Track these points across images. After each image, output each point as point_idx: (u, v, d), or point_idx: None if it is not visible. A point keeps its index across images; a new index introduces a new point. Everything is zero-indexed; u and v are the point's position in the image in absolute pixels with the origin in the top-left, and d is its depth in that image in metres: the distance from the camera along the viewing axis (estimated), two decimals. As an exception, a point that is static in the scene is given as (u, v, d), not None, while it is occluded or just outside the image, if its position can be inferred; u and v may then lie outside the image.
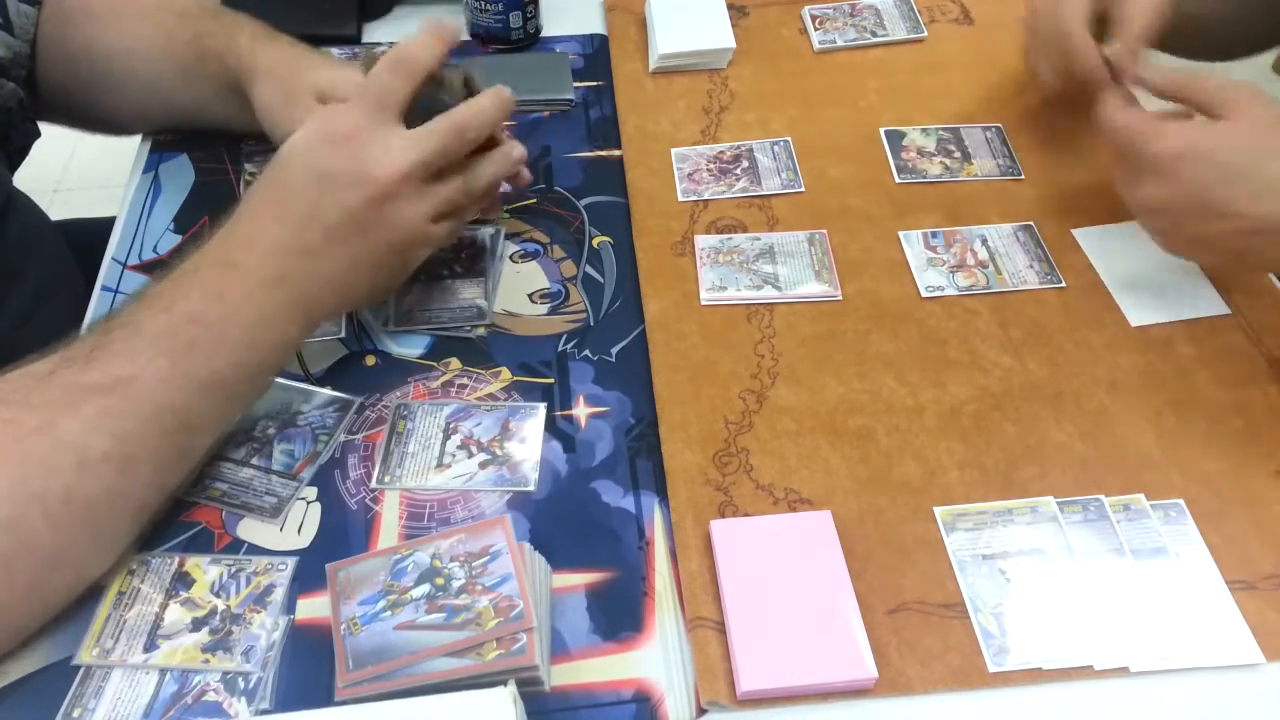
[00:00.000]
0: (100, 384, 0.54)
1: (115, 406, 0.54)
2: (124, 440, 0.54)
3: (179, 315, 0.57)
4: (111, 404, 0.54)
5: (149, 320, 0.56)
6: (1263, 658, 0.54)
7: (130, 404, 0.54)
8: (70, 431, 0.53)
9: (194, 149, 0.84)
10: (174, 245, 0.77)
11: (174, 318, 0.56)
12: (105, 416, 0.54)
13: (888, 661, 0.54)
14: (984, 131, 0.84)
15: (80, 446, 0.53)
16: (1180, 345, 0.69)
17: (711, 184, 0.80)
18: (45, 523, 0.52)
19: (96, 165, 2.05)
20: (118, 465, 0.54)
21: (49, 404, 0.53)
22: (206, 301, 0.57)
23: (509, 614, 0.52)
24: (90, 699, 0.53)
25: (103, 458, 0.53)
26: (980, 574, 0.58)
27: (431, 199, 0.63)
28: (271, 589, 0.58)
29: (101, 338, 0.56)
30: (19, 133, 0.78)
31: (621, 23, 0.95)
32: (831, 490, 0.62)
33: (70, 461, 0.53)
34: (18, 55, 0.76)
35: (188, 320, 0.56)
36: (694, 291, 0.73)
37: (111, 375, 0.54)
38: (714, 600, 0.56)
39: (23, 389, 0.54)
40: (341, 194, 0.60)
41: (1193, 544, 0.59)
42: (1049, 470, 0.62)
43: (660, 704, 0.53)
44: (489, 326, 0.71)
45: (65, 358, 0.55)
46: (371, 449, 0.64)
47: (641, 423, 0.66)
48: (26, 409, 0.53)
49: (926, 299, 0.72)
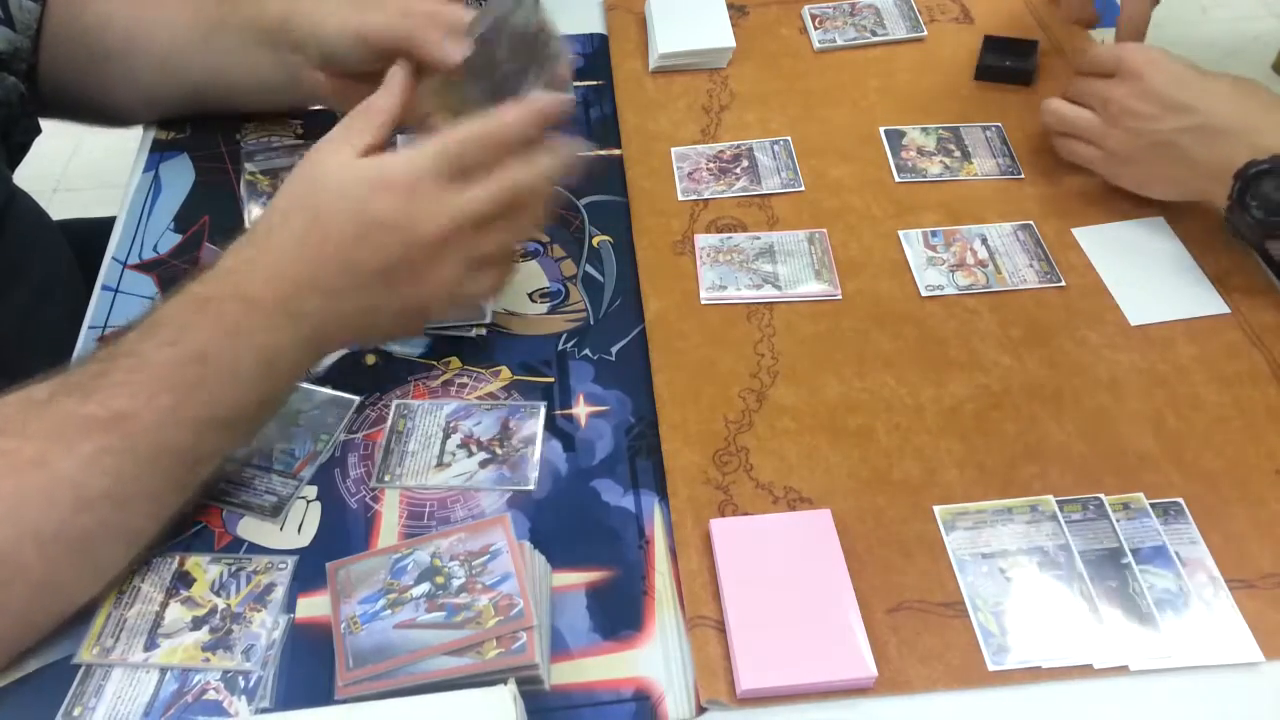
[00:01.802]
0: (99, 418, 0.52)
1: (114, 445, 0.52)
2: (121, 479, 0.53)
3: (187, 350, 0.54)
4: (110, 442, 0.52)
5: (154, 352, 0.54)
6: (1262, 657, 0.54)
7: (128, 441, 0.53)
8: (67, 468, 0.52)
9: (194, 148, 0.84)
10: (174, 244, 0.77)
11: (181, 352, 0.54)
12: (103, 455, 0.52)
13: (887, 660, 0.54)
14: (984, 131, 0.84)
15: (77, 484, 0.52)
16: (1180, 345, 0.69)
17: (711, 183, 0.80)
18: (38, 555, 0.51)
19: (97, 165, 2.05)
20: (115, 503, 0.53)
21: (46, 435, 0.52)
22: (218, 338, 0.55)
23: (509, 613, 0.52)
24: (91, 698, 0.53)
25: (100, 495, 0.52)
26: (980, 573, 0.58)
27: (471, 257, 0.59)
28: (272, 588, 0.58)
29: (105, 365, 0.54)
30: (20, 129, 0.78)
31: (621, 22, 0.95)
32: (831, 489, 0.62)
33: (67, 498, 0.52)
34: (19, 50, 0.76)
35: (195, 358, 0.54)
36: (694, 291, 0.73)
37: (111, 410, 0.52)
38: (714, 599, 0.56)
39: (20, 416, 0.53)
40: (382, 239, 0.56)
41: (1193, 543, 0.59)
42: (1049, 469, 0.62)
43: (660, 702, 0.53)
44: (489, 325, 0.71)
45: (66, 384, 0.53)
46: (372, 448, 0.64)
47: (641, 422, 0.66)
48: (23, 438, 0.52)
49: (926, 298, 0.72)
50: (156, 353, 0.54)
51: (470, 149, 0.58)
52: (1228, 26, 2.36)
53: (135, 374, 0.53)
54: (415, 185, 0.56)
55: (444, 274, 0.59)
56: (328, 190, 0.57)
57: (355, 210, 0.56)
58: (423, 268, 0.58)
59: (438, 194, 0.57)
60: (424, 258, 0.57)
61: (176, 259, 0.76)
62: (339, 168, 0.57)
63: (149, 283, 0.74)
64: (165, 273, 0.75)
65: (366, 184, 0.56)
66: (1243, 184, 0.67)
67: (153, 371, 0.54)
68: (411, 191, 0.56)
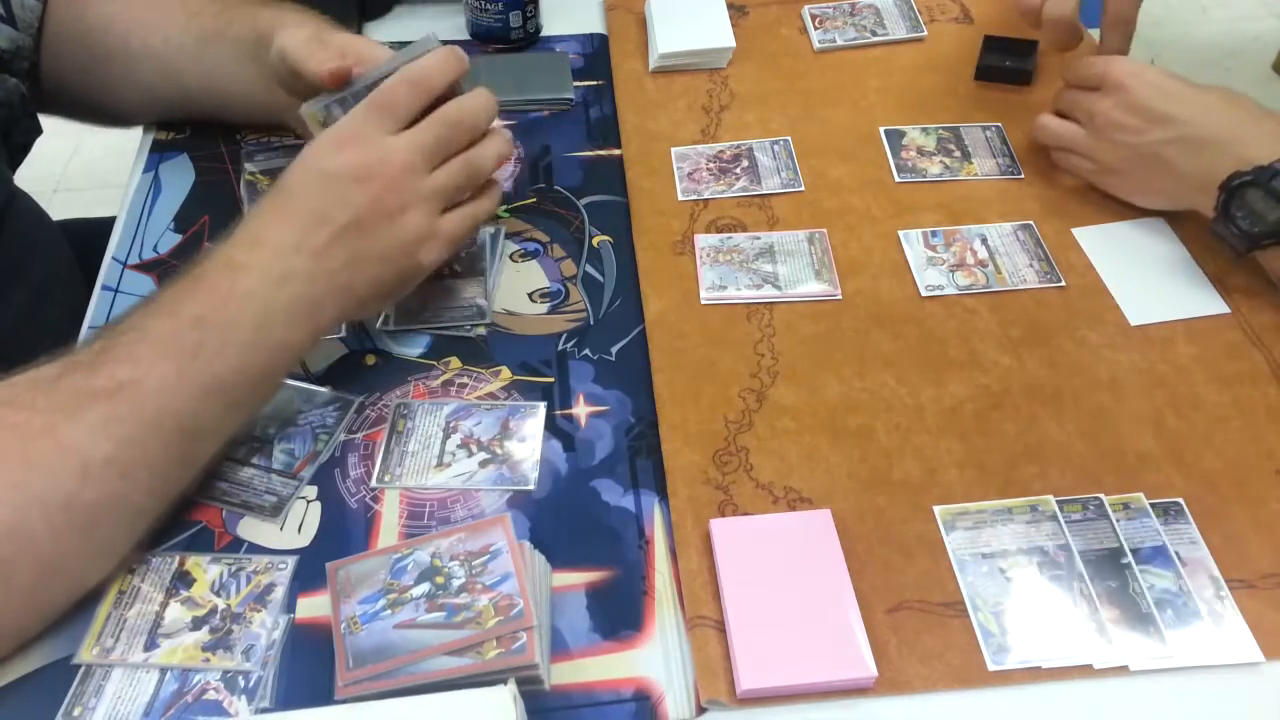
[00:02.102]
0: (104, 388, 0.54)
1: (118, 411, 0.54)
2: (126, 445, 0.54)
3: (184, 319, 0.57)
4: (114, 408, 0.54)
5: (154, 325, 0.57)
6: (1262, 657, 0.54)
7: (132, 408, 0.54)
8: (73, 436, 0.53)
9: (194, 148, 0.84)
10: (174, 244, 0.77)
11: (179, 321, 0.57)
12: (108, 421, 0.54)
13: (887, 660, 0.54)
14: (984, 131, 0.84)
15: (83, 451, 0.53)
16: (1180, 345, 0.69)
17: (711, 183, 0.80)
18: (46, 527, 0.52)
19: (97, 165, 2.05)
20: (119, 470, 0.54)
21: (54, 408, 0.54)
22: (211, 304, 0.57)
23: (509, 613, 0.52)
24: (90, 698, 0.53)
25: (105, 462, 0.53)
26: (980, 573, 0.58)
27: (435, 187, 0.63)
28: (272, 588, 0.58)
29: (108, 341, 0.56)
30: (21, 129, 0.78)
31: (621, 22, 0.95)
32: (831, 489, 0.62)
33: (73, 466, 0.53)
34: (20, 48, 0.76)
35: (192, 324, 0.57)
36: (694, 290, 0.73)
37: (115, 380, 0.54)
38: (714, 599, 0.56)
39: (29, 392, 0.54)
40: (346, 192, 0.61)
41: (1193, 544, 0.59)
42: (1049, 469, 0.62)
43: (660, 703, 0.53)
44: (489, 325, 0.71)
45: (73, 362, 0.55)
46: (371, 448, 0.64)
47: (641, 422, 0.66)
48: (32, 412, 0.53)
49: (926, 298, 0.72)
50: (156, 325, 0.57)
51: (400, 93, 0.63)
52: (1228, 26, 2.36)
53: (137, 345, 0.56)
54: (361, 135, 0.62)
55: (414, 213, 0.63)
56: (292, 166, 0.62)
57: (316, 170, 0.62)
58: (393, 208, 0.62)
59: (383, 139, 0.62)
60: (390, 198, 0.62)
61: (176, 259, 0.76)
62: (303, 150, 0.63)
63: (149, 283, 0.74)
64: (165, 273, 0.75)
65: (320, 147, 0.62)
66: (1227, 195, 0.67)
67: (153, 342, 0.56)
68: (361, 141, 0.62)
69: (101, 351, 0.56)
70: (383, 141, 0.62)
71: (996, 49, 0.88)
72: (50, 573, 0.54)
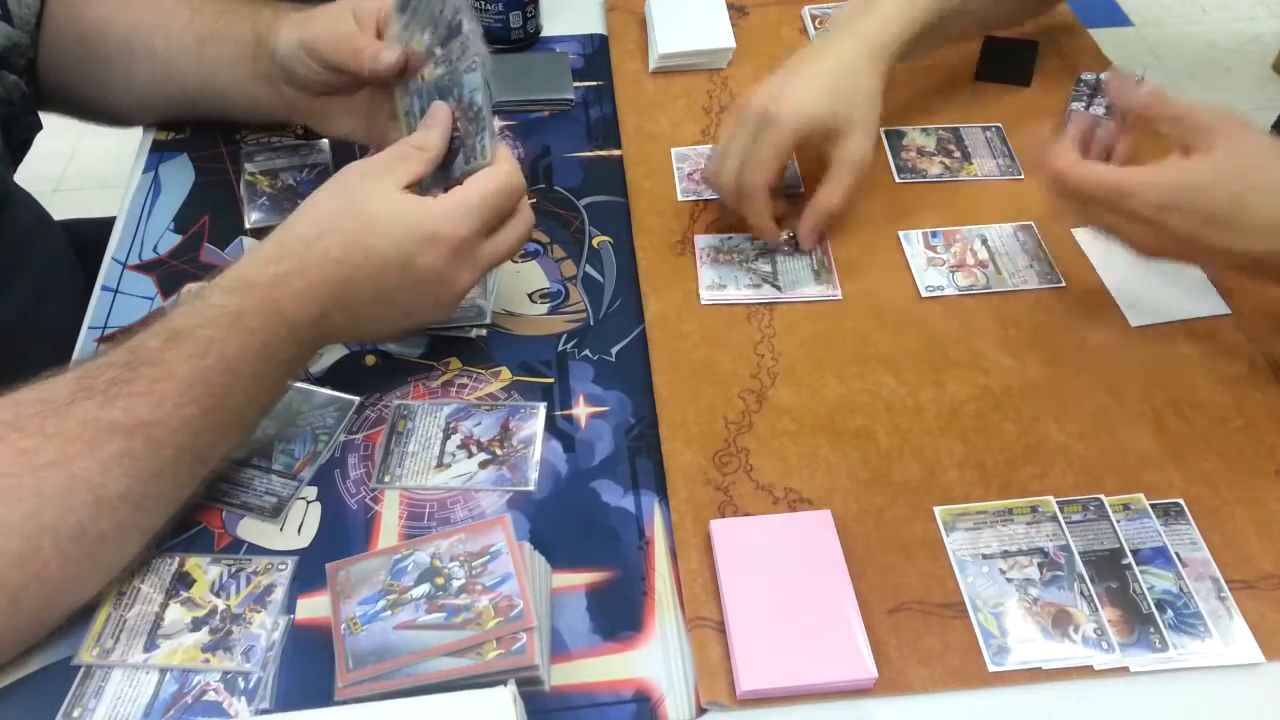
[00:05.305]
0: (122, 424, 0.53)
1: (136, 449, 0.53)
2: (141, 480, 0.54)
3: (216, 364, 0.55)
4: (132, 446, 0.53)
5: (181, 364, 0.55)
6: (1262, 658, 0.54)
7: (150, 447, 0.54)
8: (87, 470, 0.52)
9: (194, 149, 0.84)
10: (174, 245, 0.77)
11: (210, 365, 0.55)
12: (124, 458, 0.53)
13: (888, 661, 0.54)
14: (984, 131, 0.84)
15: (97, 485, 0.52)
16: (1180, 345, 0.69)
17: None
18: (56, 556, 0.52)
19: (96, 165, 2.05)
20: (133, 503, 0.54)
21: (65, 436, 0.52)
22: (250, 354, 0.56)
23: (509, 614, 0.52)
24: (90, 699, 0.53)
25: (119, 497, 0.53)
26: (980, 573, 0.58)
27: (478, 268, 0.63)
28: (271, 589, 0.58)
29: (125, 373, 0.54)
30: (21, 126, 0.78)
31: (621, 22, 0.95)
32: (831, 490, 0.62)
33: (86, 500, 0.52)
34: (17, 45, 0.76)
35: (224, 369, 0.56)
36: (694, 291, 0.73)
37: (135, 417, 0.53)
38: (714, 600, 0.56)
39: (38, 416, 0.53)
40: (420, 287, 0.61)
41: (1193, 544, 0.59)
42: (1049, 470, 0.62)
43: (660, 704, 0.53)
44: (489, 326, 0.71)
45: (85, 387, 0.54)
46: (371, 449, 0.64)
47: (641, 422, 0.66)
48: (42, 437, 0.52)
49: (926, 299, 0.72)
50: (184, 365, 0.55)
51: (503, 203, 0.62)
52: (1228, 26, 2.36)
53: (160, 383, 0.54)
54: (461, 245, 0.61)
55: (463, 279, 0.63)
56: (376, 233, 0.59)
57: (404, 261, 0.59)
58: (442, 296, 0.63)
59: (476, 247, 0.62)
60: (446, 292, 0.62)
61: (176, 259, 0.76)
62: (388, 208, 0.60)
63: (149, 283, 0.74)
64: (165, 273, 0.75)
65: (418, 240, 0.59)
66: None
67: (179, 383, 0.54)
68: (457, 250, 0.61)
69: (118, 382, 0.54)
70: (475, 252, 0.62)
71: (996, 49, 0.88)
72: (57, 595, 0.53)
